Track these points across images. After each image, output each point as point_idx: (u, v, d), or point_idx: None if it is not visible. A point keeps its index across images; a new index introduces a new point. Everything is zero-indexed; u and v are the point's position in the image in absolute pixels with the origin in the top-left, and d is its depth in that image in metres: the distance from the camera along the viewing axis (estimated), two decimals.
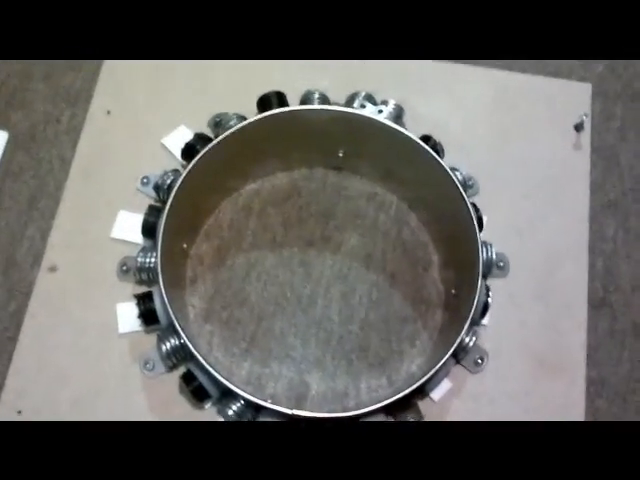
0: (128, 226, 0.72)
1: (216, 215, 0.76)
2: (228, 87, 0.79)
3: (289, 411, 0.61)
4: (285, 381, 0.70)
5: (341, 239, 0.75)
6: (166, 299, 0.64)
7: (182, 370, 0.67)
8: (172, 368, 0.67)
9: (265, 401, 0.61)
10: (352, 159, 0.76)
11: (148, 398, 0.67)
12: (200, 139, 0.73)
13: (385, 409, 0.64)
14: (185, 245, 0.73)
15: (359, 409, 0.63)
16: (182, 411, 0.66)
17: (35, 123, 0.79)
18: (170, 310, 0.64)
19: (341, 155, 0.76)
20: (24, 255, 0.73)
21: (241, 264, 0.74)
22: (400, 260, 0.74)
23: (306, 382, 0.70)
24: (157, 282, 0.66)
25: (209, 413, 0.67)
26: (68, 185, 0.75)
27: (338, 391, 0.70)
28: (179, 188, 0.68)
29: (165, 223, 0.66)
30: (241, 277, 0.73)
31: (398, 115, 0.74)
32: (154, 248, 0.68)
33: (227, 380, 0.62)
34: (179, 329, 0.63)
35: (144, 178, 0.74)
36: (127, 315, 0.69)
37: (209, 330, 0.71)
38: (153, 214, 0.69)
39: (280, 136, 0.74)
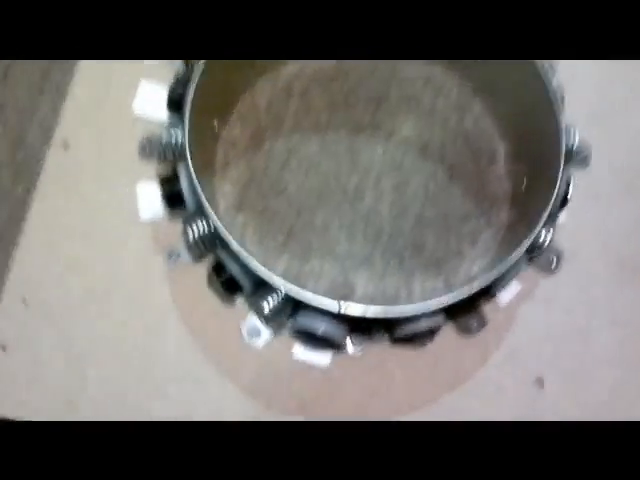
0: (152, 99, 0.63)
1: (252, 94, 0.66)
2: None
3: (335, 304, 0.51)
4: (327, 280, 0.60)
5: (393, 126, 0.65)
6: (194, 177, 0.55)
7: (211, 262, 0.57)
8: (199, 258, 0.58)
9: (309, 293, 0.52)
10: None
11: (171, 292, 0.58)
12: None
13: (445, 311, 0.55)
14: (216, 123, 0.63)
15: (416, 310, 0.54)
16: (209, 307, 0.58)
17: None
18: (199, 189, 0.55)
19: None
20: (34, 132, 0.64)
21: (279, 149, 0.64)
22: (461, 151, 0.65)
23: (351, 282, 0.60)
24: (184, 161, 0.57)
25: (239, 310, 0.57)
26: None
27: (388, 293, 0.60)
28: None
29: (194, 95, 0.56)
30: (279, 164, 0.64)
31: None
32: (181, 124, 0.58)
33: (265, 268, 0.52)
34: (209, 211, 0.54)
35: None
36: (149, 199, 0.59)
37: (242, 221, 0.62)
38: (180, 85, 0.59)
39: None
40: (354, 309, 0.52)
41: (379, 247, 0.62)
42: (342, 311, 0.52)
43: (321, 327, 0.54)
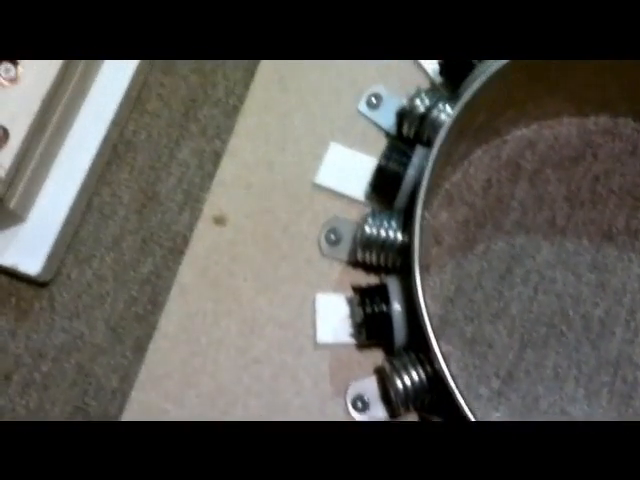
0: (341, 169, 0.45)
1: (465, 169, 0.48)
2: None
3: None
4: None
5: None
6: (422, 301, 0.37)
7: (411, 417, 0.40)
8: (395, 415, 0.41)
9: None
10: None
11: None
12: None
13: None
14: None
15: None
16: None
17: None
18: (425, 315, 0.37)
19: None
20: (171, 190, 0.46)
21: (500, 252, 0.47)
22: None
23: None
24: (397, 271, 0.40)
25: None
26: (250, 89, 0.47)
27: None
28: (451, 128, 0.40)
29: (428, 180, 0.39)
30: (499, 273, 0.46)
31: None
32: (392, 216, 0.41)
33: None
34: (435, 349, 0.37)
35: (372, 96, 0.46)
36: (332, 315, 0.42)
37: (444, 351, 0.44)
38: (397, 159, 0.41)
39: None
40: None
41: (630, 413, 0.44)
42: None
43: None
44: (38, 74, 0.42)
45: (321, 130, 0.46)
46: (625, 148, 0.50)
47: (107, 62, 0.47)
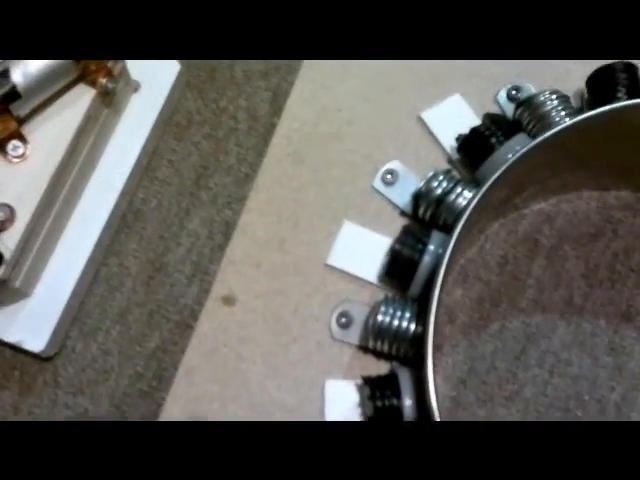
0: (354, 250, 0.44)
1: (481, 244, 0.47)
2: None
3: None
4: None
5: None
6: (434, 402, 0.36)
7: None
8: None
9: None
10: None
11: None
12: (494, 125, 0.43)
13: None
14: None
15: None
16: None
17: None
18: (435, 410, 0.36)
19: None
20: (180, 262, 0.45)
21: (515, 332, 0.46)
22: None
23: None
24: (409, 361, 0.39)
25: None
26: (264, 162, 0.46)
27: None
28: (471, 214, 0.38)
29: (446, 269, 0.38)
30: (513, 354, 0.45)
31: None
32: (406, 305, 0.40)
33: None
34: None
35: (388, 173, 0.45)
36: (341, 403, 0.41)
37: None
38: (412, 245, 0.40)
39: (601, 138, 0.44)
40: None
41: None
42: None
43: None
44: (47, 151, 0.41)
45: (335, 207, 0.45)
46: None
47: (118, 131, 0.46)
